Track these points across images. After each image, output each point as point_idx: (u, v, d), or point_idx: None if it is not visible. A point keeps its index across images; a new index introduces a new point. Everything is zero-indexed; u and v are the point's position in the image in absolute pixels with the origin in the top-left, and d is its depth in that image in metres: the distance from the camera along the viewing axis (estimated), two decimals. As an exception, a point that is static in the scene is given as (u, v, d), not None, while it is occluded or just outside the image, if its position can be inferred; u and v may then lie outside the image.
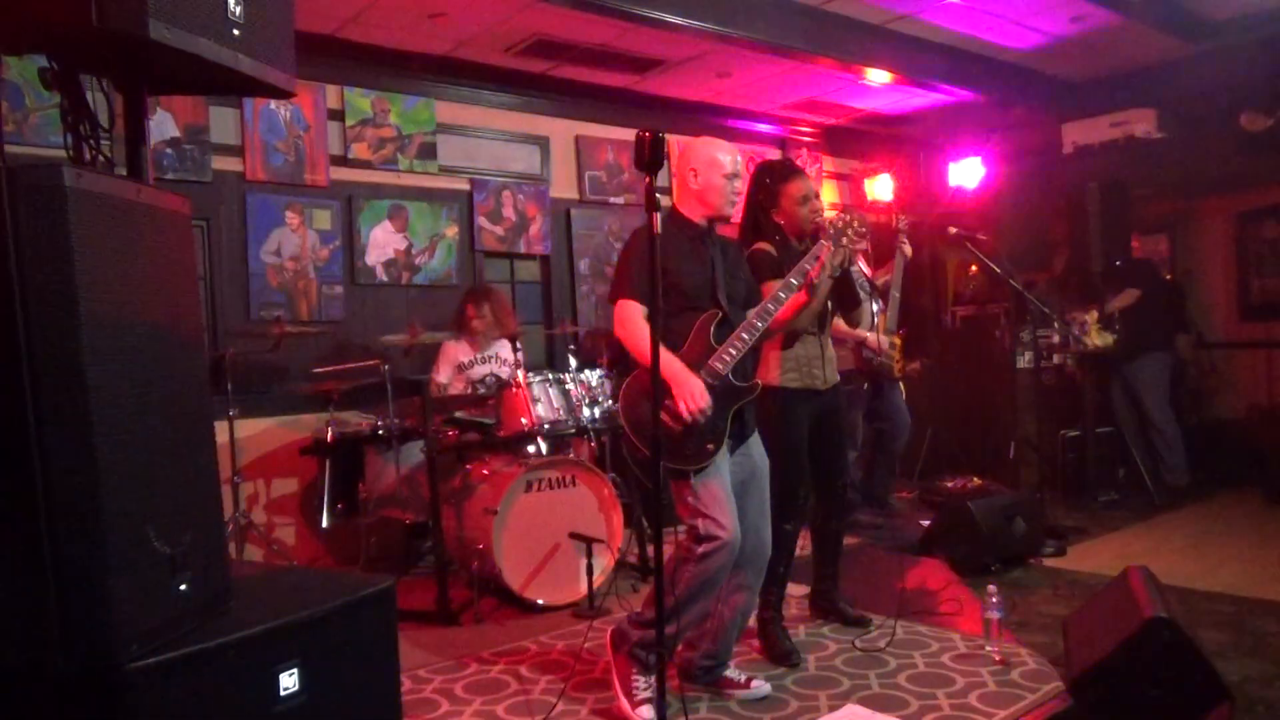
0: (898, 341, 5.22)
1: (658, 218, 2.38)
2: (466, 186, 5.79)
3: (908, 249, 4.98)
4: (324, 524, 4.48)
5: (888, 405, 5.56)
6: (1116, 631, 2.74)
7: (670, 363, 2.72)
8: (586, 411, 4.36)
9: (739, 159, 2.96)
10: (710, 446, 2.79)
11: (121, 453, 1.56)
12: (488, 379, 4.83)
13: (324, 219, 5.21)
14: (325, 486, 4.49)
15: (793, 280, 2.90)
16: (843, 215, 3.02)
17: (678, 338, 2.85)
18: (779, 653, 3.33)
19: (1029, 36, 5.77)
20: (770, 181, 3.48)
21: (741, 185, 2.97)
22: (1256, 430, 6.29)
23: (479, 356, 4.98)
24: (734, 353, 2.82)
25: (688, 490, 2.79)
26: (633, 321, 2.80)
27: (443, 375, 4.94)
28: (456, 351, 4.98)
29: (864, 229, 3.02)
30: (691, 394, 2.70)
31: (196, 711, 1.63)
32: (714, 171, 2.91)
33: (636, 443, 2.79)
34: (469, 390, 4.80)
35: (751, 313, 2.87)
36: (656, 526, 2.47)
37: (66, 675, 1.52)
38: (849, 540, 4.25)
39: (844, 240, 3.01)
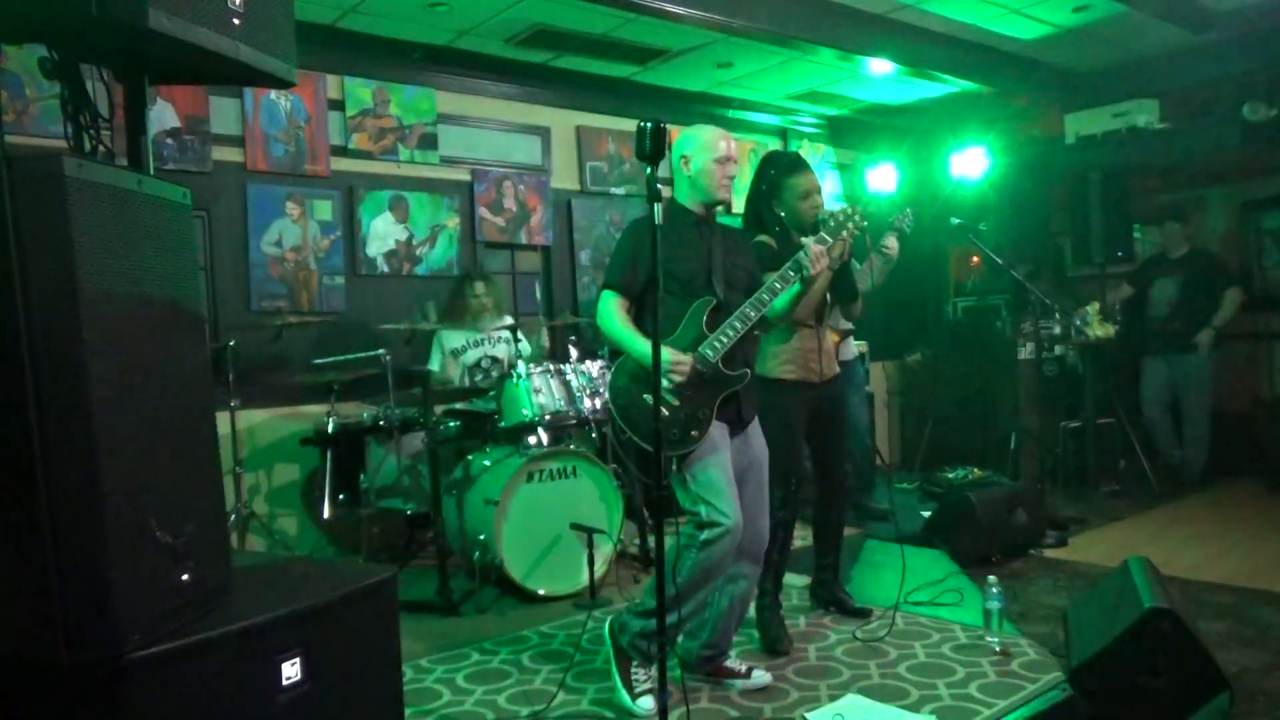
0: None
1: (659, 208, 2.38)
2: (467, 177, 5.78)
3: (894, 247, 3.98)
4: (325, 514, 4.48)
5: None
6: (1117, 622, 2.75)
7: (640, 343, 2.79)
8: (587, 402, 4.36)
9: (731, 143, 2.94)
10: (695, 433, 2.80)
11: (123, 443, 1.56)
12: (483, 362, 4.83)
13: (325, 210, 5.21)
14: (326, 477, 4.49)
15: (787, 272, 2.90)
16: (843, 209, 3.02)
17: (670, 324, 2.86)
18: (769, 639, 3.35)
19: (1032, 26, 5.75)
20: (774, 174, 3.48)
21: (735, 170, 2.96)
22: (1258, 421, 6.30)
23: (472, 340, 4.98)
24: (725, 340, 2.83)
25: (689, 478, 2.80)
26: (608, 312, 2.89)
27: (435, 363, 4.94)
28: (449, 338, 4.98)
29: (864, 222, 3.02)
30: (668, 361, 2.73)
31: (199, 701, 1.64)
32: (704, 157, 2.91)
33: (621, 424, 2.85)
34: (464, 376, 4.80)
35: (745, 303, 2.88)
36: (658, 517, 2.48)
37: (68, 666, 1.52)
38: (850, 531, 4.25)
39: (843, 234, 3.01)
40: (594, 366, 4.50)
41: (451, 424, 4.62)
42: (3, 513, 1.51)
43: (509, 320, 5.03)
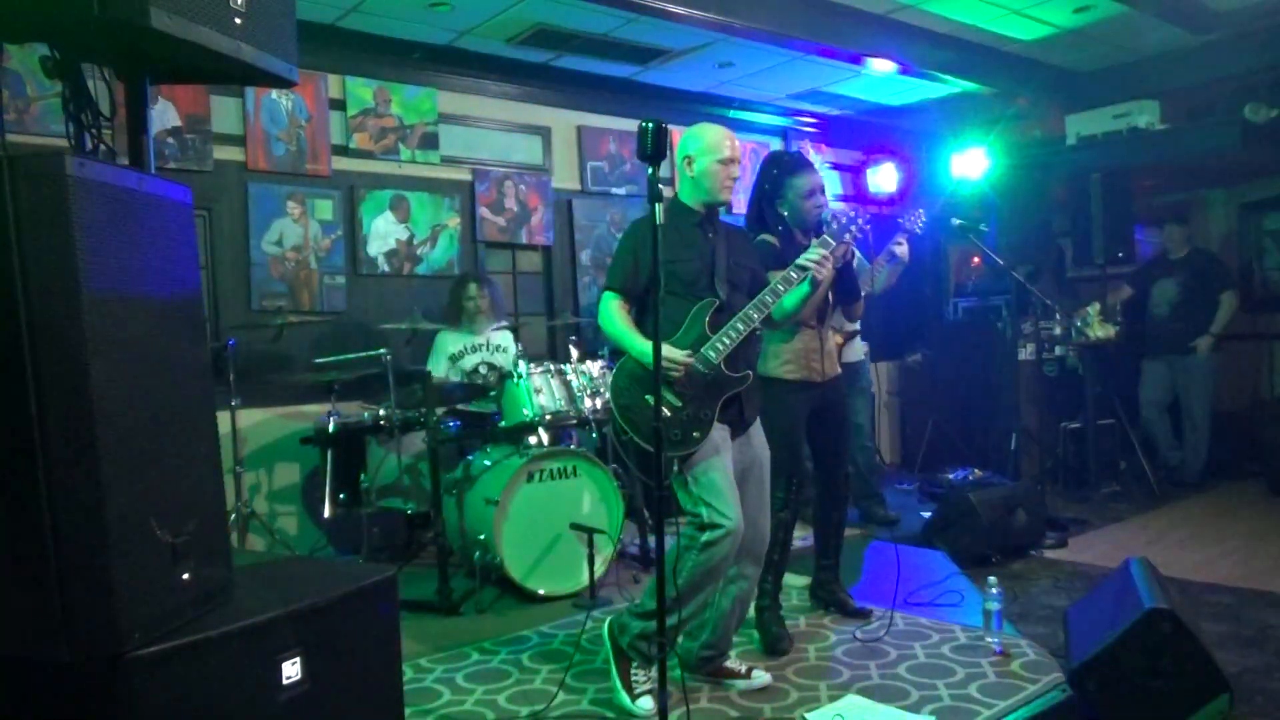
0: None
1: (660, 209, 2.38)
2: (468, 177, 5.78)
3: (904, 250, 4.12)
4: (326, 514, 4.48)
5: None
6: (1116, 622, 2.75)
7: (641, 343, 2.80)
8: (588, 402, 4.36)
9: (736, 144, 2.95)
10: (696, 435, 2.80)
11: (124, 442, 1.56)
12: (480, 368, 4.83)
13: (326, 209, 5.21)
14: (327, 476, 4.49)
15: (791, 274, 2.90)
16: (846, 211, 3.03)
17: (672, 325, 2.86)
18: (770, 639, 3.34)
19: (1033, 27, 5.76)
20: (777, 173, 3.48)
21: (739, 171, 2.97)
22: (1259, 422, 6.30)
23: (470, 345, 4.98)
24: (728, 341, 2.83)
25: (691, 480, 2.80)
26: (608, 313, 2.90)
27: (438, 368, 4.94)
28: (449, 342, 4.98)
29: (868, 225, 3.04)
30: (670, 360, 2.74)
31: (199, 700, 1.64)
32: (708, 157, 2.91)
33: (622, 424, 2.85)
34: (463, 381, 4.80)
35: (748, 305, 2.88)
36: (658, 517, 2.48)
37: (69, 664, 1.52)
38: (851, 531, 4.25)
39: (846, 236, 3.02)
40: (594, 366, 4.50)
41: (452, 424, 4.62)
42: (5, 511, 1.51)
43: (506, 323, 5.03)
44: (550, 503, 4.12)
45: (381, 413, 4.47)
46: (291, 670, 1.78)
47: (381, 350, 4.44)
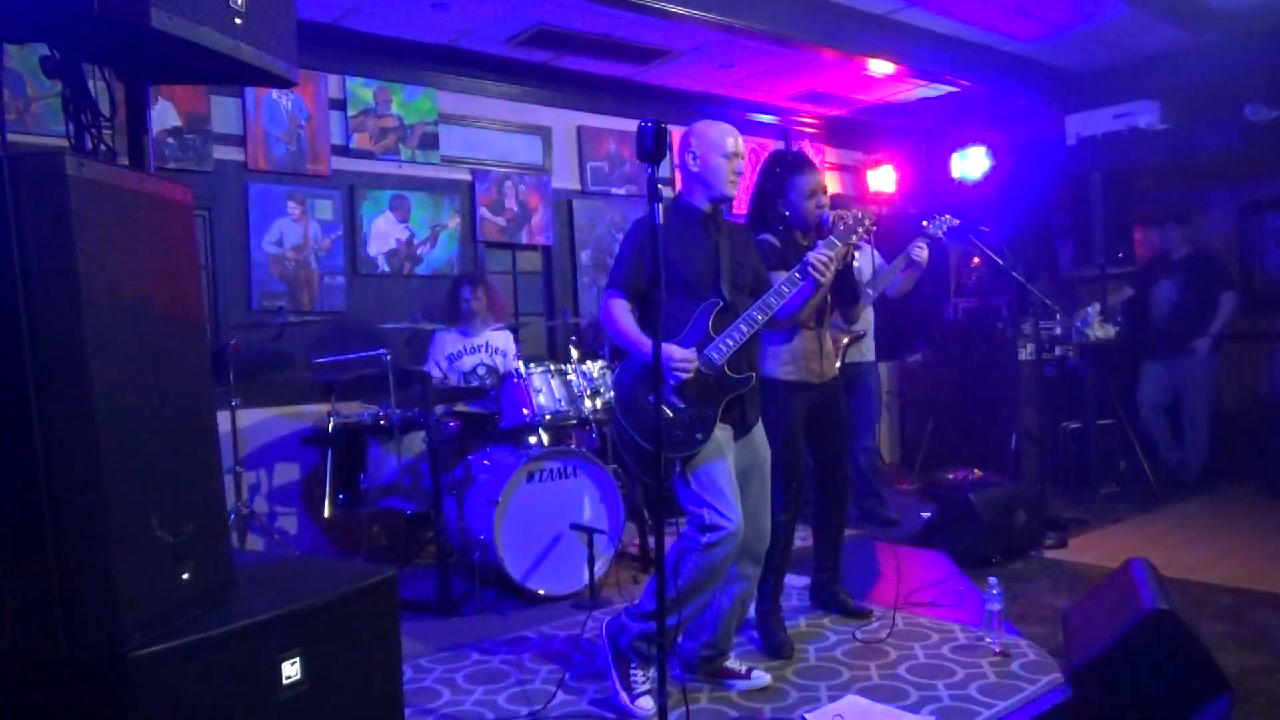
0: (843, 340, 4.64)
1: (660, 208, 2.38)
2: (468, 177, 5.78)
3: (923, 254, 3.93)
4: (325, 514, 4.48)
5: None
6: (1117, 623, 2.75)
7: (645, 343, 2.75)
8: (588, 403, 4.36)
9: (739, 139, 2.95)
10: (699, 436, 2.79)
11: (124, 442, 1.56)
12: (478, 369, 4.82)
13: (326, 209, 5.21)
14: (327, 476, 4.49)
15: (796, 275, 2.90)
16: (852, 212, 3.02)
17: (676, 326, 2.86)
18: (773, 644, 3.34)
19: (1033, 27, 5.75)
20: (780, 172, 3.48)
21: (742, 165, 2.97)
22: (1259, 422, 6.30)
23: (468, 346, 4.98)
24: (730, 343, 2.83)
25: (692, 480, 2.80)
26: (612, 314, 2.88)
27: (434, 367, 4.94)
28: (447, 341, 4.98)
29: (874, 226, 3.03)
30: (673, 358, 2.72)
31: (199, 699, 1.64)
32: (713, 152, 2.91)
33: (625, 423, 2.85)
34: (461, 382, 4.80)
35: (752, 306, 2.88)
36: (658, 517, 2.48)
37: (70, 663, 1.52)
38: (850, 532, 4.25)
39: (853, 238, 3.01)
40: (595, 367, 4.49)
41: (452, 424, 4.62)
42: (6, 511, 1.51)
43: (505, 325, 5.03)
44: (550, 503, 4.12)
45: (381, 413, 4.46)
46: (291, 670, 1.78)
47: (381, 350, 4.44)
